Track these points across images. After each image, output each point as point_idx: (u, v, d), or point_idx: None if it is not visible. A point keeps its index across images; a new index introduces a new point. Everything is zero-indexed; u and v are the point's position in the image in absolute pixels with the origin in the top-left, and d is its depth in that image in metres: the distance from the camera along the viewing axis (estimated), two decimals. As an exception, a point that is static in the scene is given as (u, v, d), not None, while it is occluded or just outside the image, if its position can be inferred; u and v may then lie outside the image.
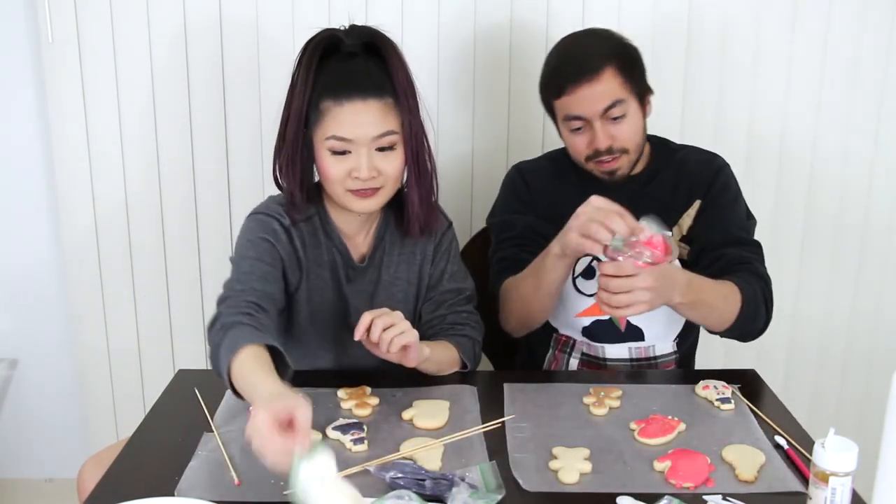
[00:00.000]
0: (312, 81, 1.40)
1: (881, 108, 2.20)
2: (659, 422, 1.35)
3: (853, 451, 1.06)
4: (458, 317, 1.58)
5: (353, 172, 1.41)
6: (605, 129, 1.60)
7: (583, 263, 1.69)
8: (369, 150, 1.40)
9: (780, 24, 2.14)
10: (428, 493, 1.14)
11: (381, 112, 1.40)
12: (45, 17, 2.09)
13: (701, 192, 1.69)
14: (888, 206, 2.27)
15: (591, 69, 1.58)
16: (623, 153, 1.63)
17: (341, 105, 1.38)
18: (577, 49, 1.64)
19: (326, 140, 1.40)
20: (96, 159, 2.20)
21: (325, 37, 1.42)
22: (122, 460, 1.27)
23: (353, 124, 1.39)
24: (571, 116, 1.62)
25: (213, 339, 1.33)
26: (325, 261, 1.53)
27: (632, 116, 1.62)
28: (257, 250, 1.46)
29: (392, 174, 1.44)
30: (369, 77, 1.40)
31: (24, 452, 2.47)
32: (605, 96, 1.58)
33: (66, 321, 2.35)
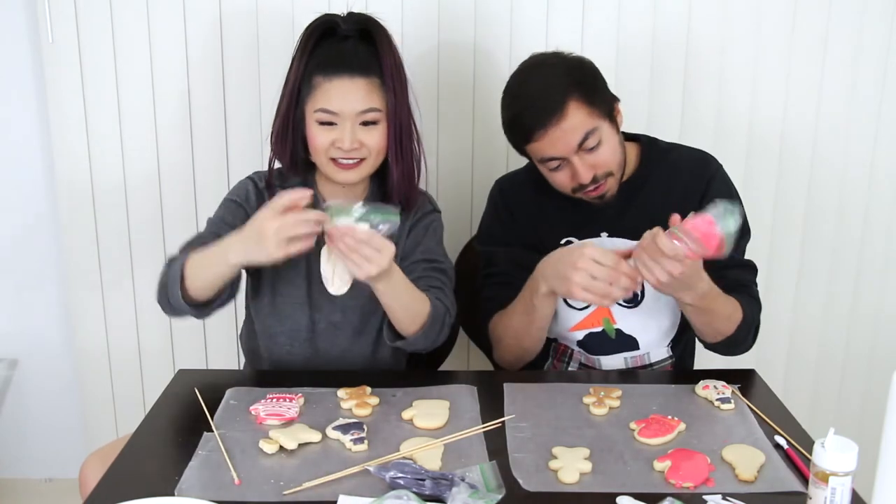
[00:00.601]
0: (307, 60, 1.53)
1: (881, 106, 2.20)
2: (659, 422, 1.35)
3: (853, 451, 1.06)
4: (431, 281, 1.59)
5: (336, 142, 1.52)
6: (583, 161, 1.54)
7: None
8: (353, 124, 1.51)
9: (781, 23, 2.14)
10: (428, 493, 1.14)
11: (366, 89, 1.51)
12: (45, 17, 2.09)
13: (694, 204, 1.60)
14: (888, 206, 2.27)
15: (553, 109, 1.50)
16: (608, 176, 1.58)
17: (330, 81, 1.50)
18: (533, 88, 1.55)
19: (315, 112, 1.52)
20: (96, 159, 2.19)
21: (323, 21, 1.55)
22: (122, 460, 1.27)
23: (341, 98, 1.50)
24: (547, 158, 1.56)
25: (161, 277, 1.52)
26: None
27: (607, 139, 1.56)
28: (223, 210, 1.63)
29: (374, 147, 1.54)
30: (358, 57, 1.52)
31: (24, 452, 2.47)
32: (575, 132, 1.52)
33: (66, 321, 2.35)
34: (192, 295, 1.47)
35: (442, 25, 2.12)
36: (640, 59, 2.14)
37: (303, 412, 1.39)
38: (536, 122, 1.52)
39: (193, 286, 1.46)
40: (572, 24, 2.12)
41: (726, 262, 1.59)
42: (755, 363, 1.69)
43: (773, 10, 2.13)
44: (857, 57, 2.16)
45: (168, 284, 1.47)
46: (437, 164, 2.20)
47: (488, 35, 2.13)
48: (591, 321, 1.67)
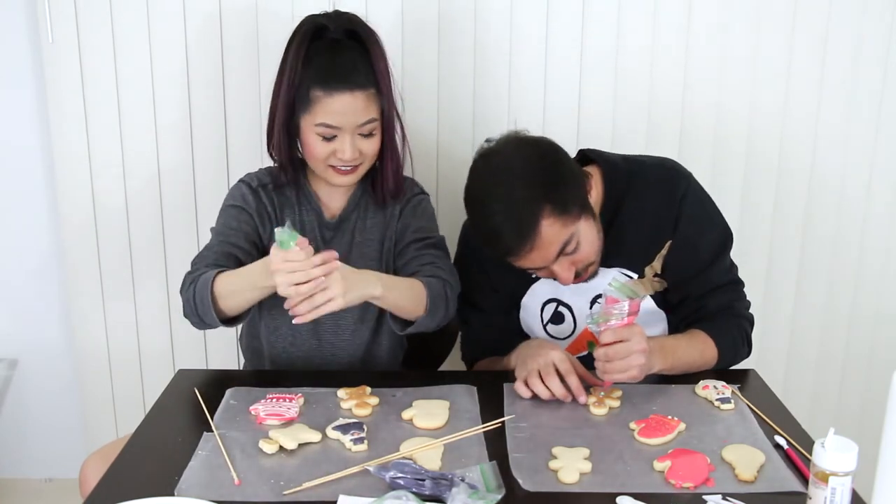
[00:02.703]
0: (301, 69, 1.54)
1: (881, 106, 2.19)
2: (659, 422, 1.35)
3: (853, 451, 1.06)
4: (425, 258, 1.62)
5: (337, 153, 1.56)
6: (563, 265, 1.50)
7: (549, 311, 1.69)
8: (353, 135, 1.55)
9: (781, 24, 2.14)
10: (427, 493, 1.14)
11: (365, 102, 1.54)
12: (45, 17, 2.09)
13: (669, 230, 1.60)
14: (888, 206, 2.27)
15: (526, 236, 1.42)
16: (590, 265, 1.55)
17: (331, 96, 1.52)
18: (501, 214, 1.43)
19: (316, 126, 1.54)
20: (96, 159, 2.19)
21: (310, 25, 1.56)
22: (122, 460, 1.27)
23: (342, 114, 1.53)
24: (527, 268, 1.53)
25: (184, 295, 1.54)
26: (296, 221, 1.67)
27: (585, 235, 1.49)
28: (225, 217, 1.66)
29: (371, 154, 1.60)
30: (356, 69, 1.54)
31: (24, 452, 2.47)
32: (552, 247, 1.46)
33: (66, 321, 2.35)
34: (227, 313, 1.51)
35: (442, 24, 2.12)
36: (640, 67, 2.14)
37: (303, 412, 1.40)
38: (510, 250, 1.46)
39: (227, 306, 1.50)
40: (572, 20, 2.12)
41: (704, 289, 1.61)
42: (755, 363, 1.69)
43: (772, 10, 2.12)
44: (856, 57, 2.16)
45: (197, 305, 1.49)
46: (437, 164, 2.20)
47: (488, 34, 2.13)
48: (576, 348, 1.69)
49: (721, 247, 1.65)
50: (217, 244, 1.61)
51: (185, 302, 1.53)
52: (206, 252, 1.61)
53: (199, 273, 1.53)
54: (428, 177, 2.18)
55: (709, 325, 1.59)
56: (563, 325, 1.69)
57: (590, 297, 1.65)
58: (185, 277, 1.57)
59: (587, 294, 1.65)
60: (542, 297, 1.69)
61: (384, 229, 1.70)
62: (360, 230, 1.69)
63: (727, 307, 1.63)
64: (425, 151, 2.16)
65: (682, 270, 1.62)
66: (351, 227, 1.69)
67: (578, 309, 1.66)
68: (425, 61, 2.13)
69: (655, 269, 1.63)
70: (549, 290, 1.67)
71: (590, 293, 1.64)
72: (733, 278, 1.67)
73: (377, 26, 1.61)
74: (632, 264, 1.63)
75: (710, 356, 1.58)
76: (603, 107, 2.16)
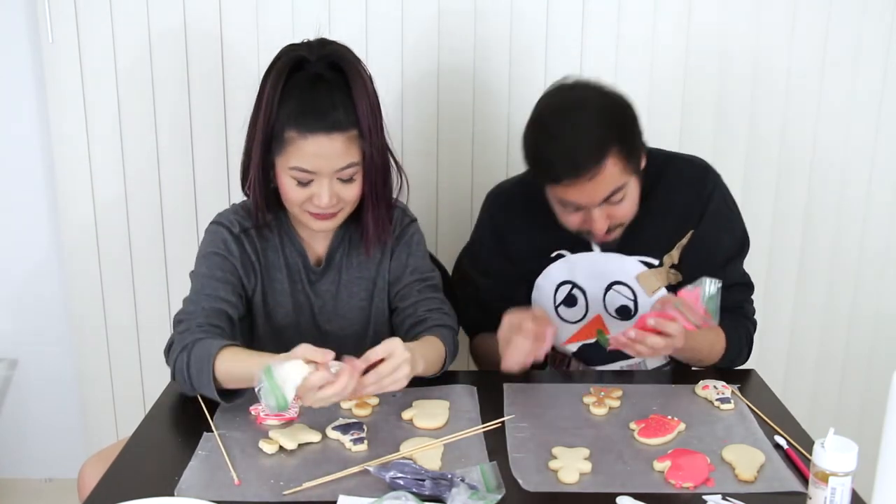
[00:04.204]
0: (277, 107, 1.41)
1: (881, 106, 2.20)
2: (659, 422, 1.35)
3: (853, 451, 1.06)
4: (430, 303, 1.59)
5: (314, 199, 1.44)
6: (603, 213, 1.49)
7: (563, 292, 1.68)
8: (331, 181, 1.43)
9: (782, 23, 2.14)
10: (427, 493, 1.14)
11: (344, 145, 1.41)
12: (45, 17, 2.09)
13: (694, 221, 1.62)
14: (888, 206, 2.27)
15: (591, 164, 1.42)
16: (619, 227, 1.55)
17: (305, 138, 1.39)
18: (573, 135, 1.44)
19: (290, 169, 1.42)
20: (96, 159, 2.20)
21: (290, 57, 1.43)
22: (122, 460, 1.27)
23: (317, 157, 1.40)
24: (567, 203, 1.50)
25: (175, 361, 1.41)
26: (282, 264, 1.57)
27: (630, 193, 1.51)
28: (208, 265, 1.51)
29: (350, 200, 1.47)
30: (335, 108, 1.39)
31: (24, 452, 2.47)
32: (606, 187, 1.45)
33: (66, 321, 2.35)
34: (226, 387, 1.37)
35: (442, 28, 2.12)
36: (640, 66, 2.14)
37: (302, 412, 1.39)
38: (569, 173, 1.43)
39: (228, 384, 1.36)
40: (572, 30, 2.12)
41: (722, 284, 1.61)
42: (755, 363, 1.69)
43: (772, 8, 2.13)
44: (856, 57, 2.16)
45: (192, 377, 1.37)
46: (438, 166, 2.20)
47: (488, 36, 2.13)
48: (585, 333, 1.69)
49: (738, 249, 1.67)
50: (205, 299, 1.47)
51: (177, 370, 1.40)
52: (192, 308, 1.47)
53: (192, 340, 1.40)
54: (428, 177, 2.18)
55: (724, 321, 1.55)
56: (576, 308, 1.68)
57: (605, 282, 1.65)
58: (173, 339, 1.45)
59: (602, 279, 1.65)
60: (557, 278, 1.68)
61: (375, 266, 1.60)
62: (346, 268, 1.60)
63: (737, 306, 1.65)
64: (427, 151, 2.17)
65: (698, 263, 1.62)
66: (337, 265, 1.59)
67: (592, 294, 1.66)
68: (425, 60, 2.13)
69: (673, 259, 1.64)
70: (564, 272, 1.67)
71: (605, 279, 1.65)
72: (746, 280, 1.69)
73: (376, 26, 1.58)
74: (653, 252, 1.64)
75: (718, 350, 1.60)
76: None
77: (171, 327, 2.31)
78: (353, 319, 1.62)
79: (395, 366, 1.27)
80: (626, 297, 1.65)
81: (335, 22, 2.08)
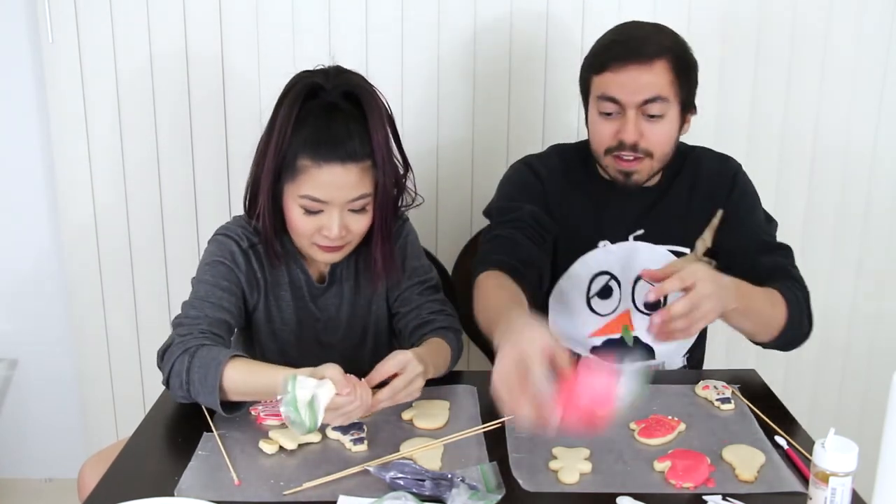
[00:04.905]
0: (290, 134, 1.38)
1: (881, 106, 2.20)
2: (659, 422, 1.35)
3: (853, 451, 1.06)
4: (433, 305, 1.58)
5: (322, 230, 1.42)
6: (637, 122, 1.51)
7: (599, 283, 1.65)
8: (342, 211, 1.41)
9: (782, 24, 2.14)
10: (427, 493, 1.14)
11: (358, 176, 1.39)
12: (45, 17, 2.09)
13: (721, 201, 1.63)
14: (889, 206, 2.27)
15: (644, 53, 1.49)
16: (647, 156, 1.54)
17: (319, 167, 1.37)
18: (638, 31, 1.55)
19: (300, 198, 1.40)
20: (96, 159, 2.20)
21: (305, 84, 1.41)
22: (122, 460, 1.27)
23: (330, 187, 1.38)
24: (607, 97, 1.52)
25: (174, 364, 1.35)
26: (285, 281, 1.56)
27: (668, 121, 1.53)
28: (213, 273, 1.48)
29: (359, 232, 1.46)
30: (350, 137, 1.38)
31: (24, 452, 2.47)
32: (649, 87, 1.49)
33: (66, 321, 2.35)
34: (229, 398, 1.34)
35: (441, 30, 2.12)
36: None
37: (303, 412, 1.39)
38: (620, 56, 1.50)
39: (233, 395, 1.33)
40: (573, 29, 2.12)
41: (756, 248, 1.60)
42: (755, 363, 1.69)
43: (772, 10, 2.13)
44: (856, 56, 2.16)
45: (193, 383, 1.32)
46: (438, 164, 2.20)
47: (489, 36, 2.13)
48: (613, 327, 1.67)
49: (769, 219, 1.68)
50: (209, 307, 1.44)
51: (174, 373, 1.34)
52: (195, 313, 1.43)
53: (196, 344, 1.36)
54: (428, 179, 2.18)
55: (773, 283, 1.50)
56: (610, 299, 1.66)
57: (634, 273, 1.63)
58: (170, 342, 1.40)
59: (632, 271, 1.63)
60: (595, 268, 1.65)
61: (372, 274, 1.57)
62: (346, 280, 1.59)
63: (783, 268, 1.56)
64: (426, 150, 2.17)
65: (735, 237, 1.61)
66: (338, 278, 1.58)
67: (625, 286, 1.65)
68: (425, 61, 2.13)
69: (706, 243, 1.62)
70: (602, 262, 1.64)
71: (635, 270, 1.63)
72: (785, 245, 1.63)
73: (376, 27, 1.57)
74: (684, 240, 1.63)
75: (780, 309, 1.48)
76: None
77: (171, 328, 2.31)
78: (355, 330, 1.61)
79: (409, 380, 1.28)
80: None
81: (335, 22, 2.08)
